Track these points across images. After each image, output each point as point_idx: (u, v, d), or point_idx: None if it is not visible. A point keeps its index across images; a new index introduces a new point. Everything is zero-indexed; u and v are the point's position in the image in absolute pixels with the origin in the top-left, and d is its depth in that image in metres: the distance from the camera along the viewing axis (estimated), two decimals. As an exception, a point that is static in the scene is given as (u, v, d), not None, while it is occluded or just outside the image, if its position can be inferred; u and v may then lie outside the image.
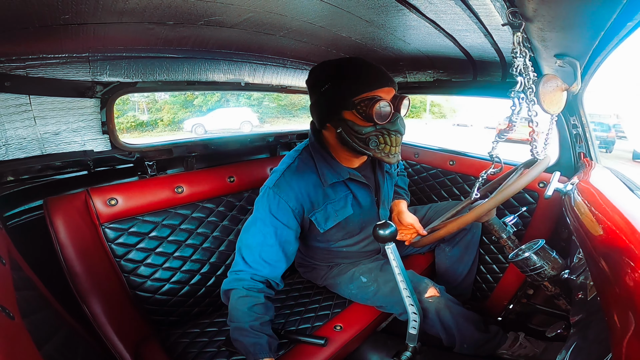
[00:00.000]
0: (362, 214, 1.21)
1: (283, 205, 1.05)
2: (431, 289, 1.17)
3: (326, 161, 1.12)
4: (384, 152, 1.02)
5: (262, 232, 1.04)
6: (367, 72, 1.02)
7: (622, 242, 0.56)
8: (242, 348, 0.94)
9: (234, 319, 0.98)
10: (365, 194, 1.20)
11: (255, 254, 1.03)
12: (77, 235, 1.09)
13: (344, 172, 1.13)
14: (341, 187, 1.15)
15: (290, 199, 1.06)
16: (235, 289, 1.01)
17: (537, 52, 0.90)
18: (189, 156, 1.54)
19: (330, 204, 1.13)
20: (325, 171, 1.11)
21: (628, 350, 0.40)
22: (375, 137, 1.01)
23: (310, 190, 1.09)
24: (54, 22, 0.82)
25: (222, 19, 0.99)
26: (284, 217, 1.05)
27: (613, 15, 0.56)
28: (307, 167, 1.11)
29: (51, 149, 1.15)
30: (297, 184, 1.07)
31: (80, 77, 1.16)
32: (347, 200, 1.16)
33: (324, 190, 1.11)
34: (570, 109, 1.33)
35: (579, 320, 0.74)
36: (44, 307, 0.71)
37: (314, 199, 1.10)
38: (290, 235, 1.08)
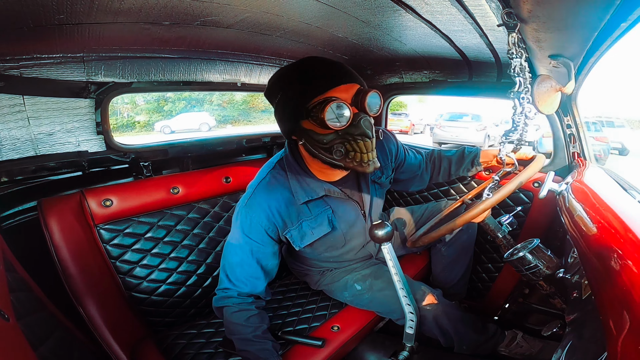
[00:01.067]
0: (345, 230, 1.15)
1: (255, 225, 1.01)
2: (429, 297, 1.17)
3: (299, 176, 1.03)
4: (356, 161, 0.91)
5: (240, 250, 1.03)
6: (316, 73, 0.92)
7: (615, 241, 0.57)
8: (250, 357, 0.96)
9: (234, 332, 1.00)
10: (347, 209, 1.12)
11: (237, 272, 1.03)
12: (72, 237, 1.08)
13: (319, 188, 1.04)
14: (319, 202, 1.06)
15: (262, 219, 1.01)
16: (226, 306, 1.03)
17: (531, 52, 0.91)
18: (184, 157, 1.54)
19: (306, 222, 1.06)
20: (298, 188, 1.03)
21: (623, 349, 0.40)
22: (340, 145, 0.90)
23: (281, 208, 1.02)
24: (48, 22, 0.81)
25: (219, 19, 0.98)
26: (257, 236, 1.02)
27: (607, 16, 0.57)
28: (278, 183, 1.04)
29: (45, 150, 1.14)
30: (267, 202, 1.01)
31: (75, 78, 1.15)
32: (324, 218, 1.08)
33: (297, 208, 1.04)
34: (565, 110, 1.34)
35: (575, 319, 0.75)
36: (39, 308, 0.71)
37: (286, 217, 1.04)
38: (267, 253, 1.05)
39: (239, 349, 1.00)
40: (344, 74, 0.92)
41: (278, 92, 0.96)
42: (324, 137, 0.90)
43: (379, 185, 1.20)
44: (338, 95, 0.89)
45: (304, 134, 0.93)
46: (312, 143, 0.93)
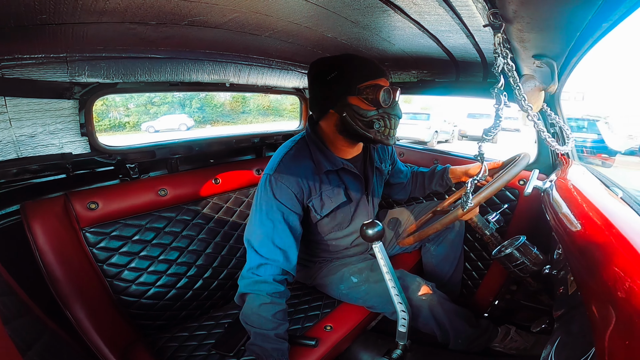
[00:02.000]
0: (353, 206, 1.26)
1: (285, 190, 1.08)
2: (424, 287, 1.19)
3: (321, 151, 1.16)
4: (384, 135, 1.09)
5: (270, 218, 1.06)
6: (368, 63, 1.10)
7: (599, 238, 0.58)
8: (262, 352, 0.97)
9: (255, 324, 1.00)
10: (356, 186, 1.25)
11: (269, 242, 1.05)
12: (57, 240, 1.05)
13: (338, 162, 1.17)
14: (334, 177, 1.19)
15: (292, 184, 1.09)
16: (257, 294, 1.02)
17: (516, 52, 0.93)
18: (172, 158, 1.51)
19: (325, 192, 1.17)
20: (321, 159, 1.15)
21: (611, 343, 0.41)
22: (378, 120, 1.07)
23: (308, 176, 1.13)
24: (30, 22, 0.79)
25: (207, 19, 0.97)
26: (288, 201, 1.08)
27: (589, 17, 0.58)
28: (303, 154, 1.15)
29: (27, 152, 1.11)
30: (296, 170, 1.11)
31: (58, 78, 1.12)
32: (341, 189, 1.21)
33: (319, 177, 1.15)
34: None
35: (562, 314, 0.76)
36: (25, 312, 0.69)
37: (311, 184, 1.14)
38: (295, 220, 1.11)
39: (252, 342, 1.00)
40: (385, 71, 1.13)
41: (332, 71, 1.09)
42: (367, 112, 1.07)
43: (379, 173, 1.35)
44: (382, 84, 1.08)
45: (348, 108, 1.08)
46: (354, 116, 1.08)
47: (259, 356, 0.98)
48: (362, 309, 1.28)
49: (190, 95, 17.50)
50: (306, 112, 2.11)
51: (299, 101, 2.10)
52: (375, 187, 1.33)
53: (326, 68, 1.12)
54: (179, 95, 17.30)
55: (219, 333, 1.20)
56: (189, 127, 16.33)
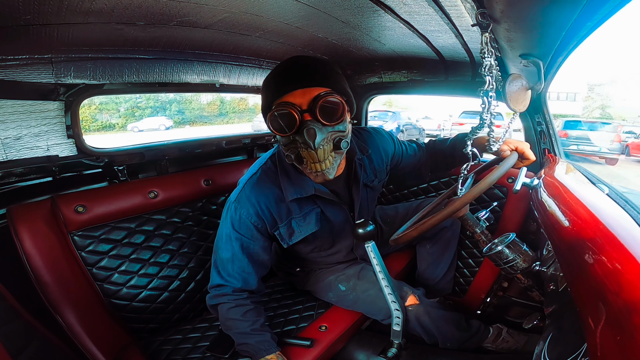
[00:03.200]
0: (333, 231, 1.14)
1: (244, 221, 1.00)
2: (411, 297, 1.19)
3: (289, 174, 1.01)
4: (308, 169, 0.90)
5: (230, 246, 1.02)
6: (279, 76, 0.91)
7: (587, 234, 0.59)
8: (250, 349, 0.98)
9: (231, 327, 1.02)
10: (336, 211, 1.10)
11: (228, 268, 1.02)
12: (44, 244, 1.03)
13: (309, 187, 1.01)
14: (307, 201, 1.05)
15: (251, 215, 1.00)
16: (221, 303, 1.03)
17: (503, 52, 0.94)
18: (161, 160, 1.49)
19: (294, 220, 1.05)
20: (287, 186, 1.01)
21: (602, 339, 0.41)
22: (290, 151, 0.90)
23: (271, 205, 1.01)
24: (14, 22, 0.77)
25: (196, 19, 0.96)
26: (247, 232, 1.01)
27: (574, 17, 0.60)
28: (269, 179, 1.03)
29: (12, 155, 1.08)
30: (257, 199, 1.00)
31: (43, 79, 1.09)
32: (312, 216, 1.07)
33: (287, 205, 1.03)
34: (535, 107, 1.39)
35: (553, 311, 0.77)
36: (14, 318, 0.69)
37: (276, 214, 1.03)
38: (257, 248, 1.03)
39: (238, 343, 1.01)
40: (303, 77, 0.88)
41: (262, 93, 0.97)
42: (281, 140, 0.91)
43: (370, 189, 1.19)
44: (293, 100, 0.87)
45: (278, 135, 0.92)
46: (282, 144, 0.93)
47: (250, 354, 0.99)
48: None
49: (171, 99, 19.64)
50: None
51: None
52: (363, 206, 1.17)
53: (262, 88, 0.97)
54: (161, 99, 19.57)
55: (213, 335, 1.19)
56: (168, 127, 18.17)
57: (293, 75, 0.88)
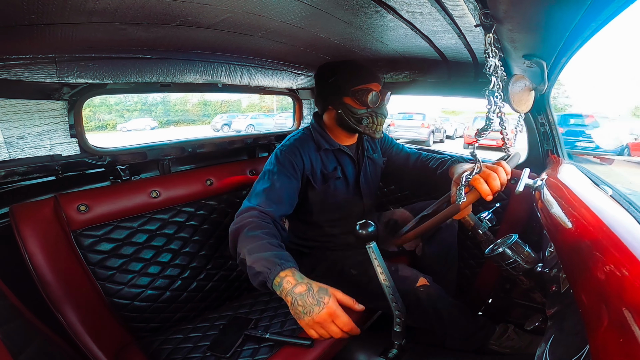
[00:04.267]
0: (347, 188, 1.39)
1: (289, 160, 1.25)
2: (421, 279, 1.22)
3: (322, 135, 1.36)
4: (371, 130, 1.29)
5: (270, 179, 1.20)
6: (362, 69, 1.29)
7: (590, 236, 0.58)
8: (263, 265, 0.87)
9: (246, 244, 0.95)
10: (351, 168, 1.40)
11: (263, 196, 1.15)
12: (47, 243, 1.04)
13: (335, 144, 1.36)
14: (332, 156, 1.37)
15: (295, 156, 1.27)
16: (244, 223, 1.02)
17: (507, 52, 0.94)
18: (164, 159, 1.50)
19: (322, 168, 1.34)
20: (321, 140, 1.35)
21: (604, 340, 0.40)
22: (366, 118, 1.28)
23: (310, 152, 1.32)
24: (18, 22, 0.77)
25: (199, 20, 0.97)
26: (289, 168, 1.24)
27: (578, 17, 0.59)
28: (308, 138, 1.36)
29: (16, 154, 1.09)
30: (300, 148, 1.30)
31: (46, 79, 1.10)
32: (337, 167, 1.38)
33: (319, 156, 1.34)
34: (538, 108, 1.39)
35: (555, 312, 0.77)
36: (16, 316, 0.69)
37: (312, 158, 1.32)
38: (293, 185, 1.24)
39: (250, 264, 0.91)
40: (377, 76, 1.31)
41: (332, 75, 1.31)
42: (357, 110, 1.27)
43: (371, 161, 1.47)
44: (373, 87, 1.27)
45: (343, 106, 1.28)
46: (348, 113, 1.28)
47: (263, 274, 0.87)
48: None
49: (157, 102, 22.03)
50: (299, 112, 2.11)
51: (292, 101, 2.10)
52: (368, 172, 1.44)
53: (328, 72, 1.33)
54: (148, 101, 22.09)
55: (214, 335, 1.19)
56: (153, 127, 19.95)
57: (370, 72, 1.30)
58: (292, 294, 0.83)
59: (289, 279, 0.85)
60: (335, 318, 0.82)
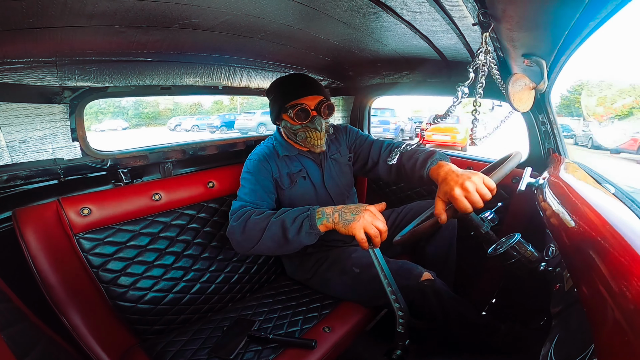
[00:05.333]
0: (315, 188, 1.43)
1: (258, 165, 1.32)
2: (426, 274, 1.23)
3: (282, 144, 1.41)
4: (310, 144, 1.33)
5: (248, 184, 1.29)
6: (296, 85, 1.32)
7: (593, 234, 0.58)
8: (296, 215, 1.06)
9: (260, 225, 1.10)
10: (315, 170, 1.43)
11: (249, 196, 1.25)
12: (50, 247, 1.04)
13: (294, 150, 1.41)
14: (295, 161, 1.41)
15: (263, 162, 1.34)
16: (245, 214, 1.15)
17: (506, 52, 0.94)
18: (165, 162, 1.50)
19: (288, 170, 1.39)
20: (280, 148, 1.40)
21: (610, 339, 0.40)
22: (302, 133, 1.32)
23: (273, 158, 1.38)
24: (18, 25, 0.78)
25: (198, 22, 0.97)
26: (260, 171, 1.31)
27: (576, 15, 0.59)
28: (270, 146, 1.42)
29: (18, 158, 1.09)
30: (266, 155, 1.37)
31: (47, 82, 1.10)
32: (301, 170, 1.41)
33: (282, 161, 1.39)
34: (539, 107, 1.39)
35: (560, 311, 0.76)
36: (20, 319, 0.68)
37: (276, 165, 1.37)
38: (268, 184, 1.31)
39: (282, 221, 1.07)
40: (313, 89, 1.32)
41: (273, 92, 1.36)
42: (293, 126, 1.32)
43: (334, 161, 1.49)
44: (306, 102, 1.29)
45: (283, 122, 1.35)
46: (286, 129, 1.35)
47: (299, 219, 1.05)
48: (360, 309, 1.28)
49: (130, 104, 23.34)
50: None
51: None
52: (333, 172, 1.47)
53: (271, 90, 1.39)
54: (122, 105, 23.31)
55: (218, 337, 1.19)
56: (124, 128, 21.24)
57: (304, 86, 1.31)
58: (335, 211, 1.02)
59: (325, 209, 1.04)
60: (375, 215, 0.98)
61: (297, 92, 1.30)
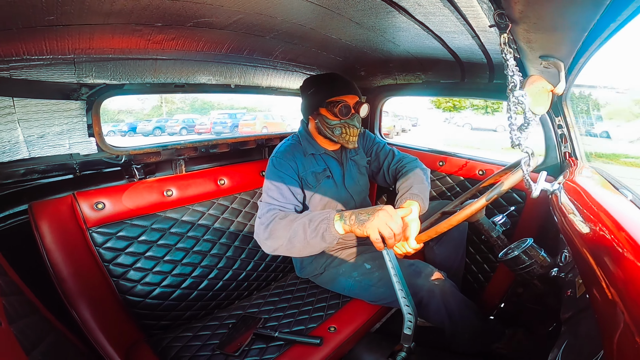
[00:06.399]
0: (337, 188, 1.46)
1: (284, 163, 1.34)
2: (436, 274, 1.24)
3: (308, 141, 1.45)
4: (344, 140, 1.38)
5: (275, 185, 1.29)
6: (337, 82, 1.37)
7: (608, 240, 0.57)
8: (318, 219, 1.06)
9: (285, 228, 1.11)
10: (337, 170, 1.48)
11: (276, 200, 1.25)
12: (64, 240, 1.06)
13: (320, 148, 1.45)
14: (320, 159, 1.45)
15: (289, 159, 1.36)
16: (274, 218, 1.15)
17: (522, 53, 0.92)
18: (178, 159, 1.52)
19: (313, 169, 1.42)
20: (307, 146, 1.44)
21: (619, 345, 0.40)
22: (339, 128, 1.36)
23: (299, 156, 1.40)
24: (38, 23, 0.80)
25: (212, 21, 0.98)
26: (287, 170, 1.33)
27: (596, 17, 0.57)
28: (296, 143, 1.45)
29: (35, 153, 1.12)
30: (291, 152, 1.39)
31: (65, 79, 1.13)
32: (324, 166, 1.45)
33: (308, 159, 1.42)
34: (556, 110, 1.35)
35: (570, 317, 0.75)
36: (31, 312, 0.70)
37: (303, 163, 1.40)
38: (294, 183, 1.33)
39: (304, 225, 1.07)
40: (352, 89, 1.38)
41: (311, 87, 1.39)
42: (331, 121, 1.36)
43: (354, 162, 1.54)
44: (346, 99, 1.34)
45: (320, 117, 1.38)
46: (323, 123, 1.38)
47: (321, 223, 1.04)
48: (366, 310, 1.27)
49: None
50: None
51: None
52: (352, 173, 1.52)
53: (309, 85, 1.41)
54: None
55: (223, 333, 1.20)
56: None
57: (344, 85, 1.37)
58: (352, 213, 1.02)
59: (344, 212, 1.05)
60: (390, 215, 0.96)
61: (339, 90, 1.35)
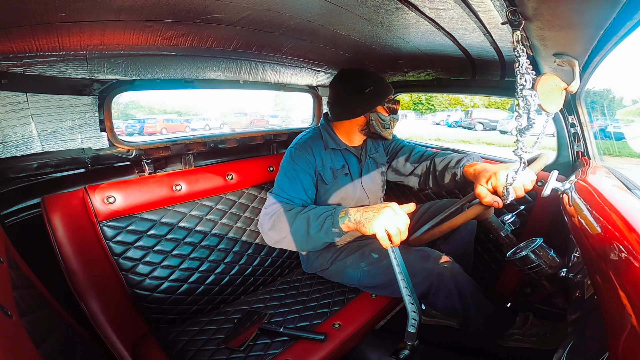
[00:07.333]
0: (353, 185, 1.48)
1: (302, 157, 1.35)
2: (444, 257, 1.25)
3: (330, 135, 1.46)
4: (388, 132, 1.44)
5: (288, 177, 1.30)
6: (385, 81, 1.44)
7: (619, 241, 0.56)
8: (323, 213, 1.08)
9: (288, 220, 1.14)
10: (355, 167, 1.49)
11: (285, 193, 1.26)
12: (75, 233, 1.09)
13: (342, 144, 1.47)
14: (339, 155, 1.46)
15: (307, 154, 1.37)
16: (279, 209, 1.18)
17: (536, 51, 0.90)
18: (187, 154, 1.54)
19: (332, 165, 1.43)
20: (329, 140, 1.44)
21: (625, 347, 0.40)
22: (390, 122, 1.43)
23: (319, 150, 1.41)
24: (50, 19, 0.81)
25: (221, 17, 0.98)
26: (303, 164, 1.34)
27: (612, 15, 0.56)
28: (317, 137, 1.45)
29: (48, 147, 1.15)
30: (311, 146, 1.39)
31: (78, 75, 1.15)
32: (342, 163, 1.47)
33: (327, 154, 1.43)
34: (569, 109, 1.33)
35: (577, 318, 0.75)
36: (42, 305, 0.71)
37: (321, 157, 1.41)
38: (309, 180, 1.34)
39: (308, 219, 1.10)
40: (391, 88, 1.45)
41: (370, 86, 1.39)
42: (385, 117, 1.42)
43: (373, 160, 1.56)
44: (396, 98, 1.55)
45: (376, 114, 1.41)
46: (378, 120, 1.42)
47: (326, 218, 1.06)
48: (371, 307, 1.28)
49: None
50: (319, 109, 2.11)
51: (312, 98, 2.10)
52: (370, 170, 1.54)
53: (365, 83, 1.40)
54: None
55: (229, 328, 1.21)
56: None
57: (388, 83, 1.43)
58: (358, 211, 1.02)
59: (350, 209, 1.05)
60: (396, 213, 0.96)
61: (390, 90, 1.44)
